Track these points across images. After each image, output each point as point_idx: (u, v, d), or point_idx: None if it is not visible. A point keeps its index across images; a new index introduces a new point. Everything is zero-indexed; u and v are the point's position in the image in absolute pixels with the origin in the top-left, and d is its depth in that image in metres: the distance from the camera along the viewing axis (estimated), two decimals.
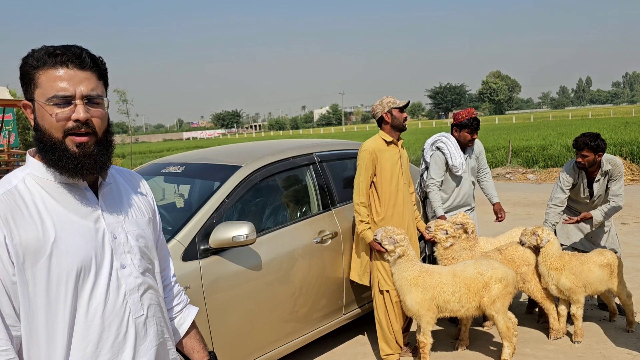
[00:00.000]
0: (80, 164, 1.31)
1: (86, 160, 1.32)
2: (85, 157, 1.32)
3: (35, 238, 1.26)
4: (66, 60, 1.30)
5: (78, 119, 1.30)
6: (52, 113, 1.29)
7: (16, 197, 1.30)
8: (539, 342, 4.15)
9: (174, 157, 4.35)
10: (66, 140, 1.31)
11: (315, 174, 4.03)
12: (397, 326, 3.85)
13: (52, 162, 1.31)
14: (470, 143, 4.62)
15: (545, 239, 4.04)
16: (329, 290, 3.85)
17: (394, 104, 3.87)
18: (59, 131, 1.30)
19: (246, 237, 3.03)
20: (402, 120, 3.89)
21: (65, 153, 1.30)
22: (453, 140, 4.58)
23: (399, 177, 3.88)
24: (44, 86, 1.29)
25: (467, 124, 4.52)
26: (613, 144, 15.90)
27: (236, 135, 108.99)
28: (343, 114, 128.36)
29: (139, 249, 1.44)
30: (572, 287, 3.98)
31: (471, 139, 4.57)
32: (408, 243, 3.66)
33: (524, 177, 14.22)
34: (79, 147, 1.31)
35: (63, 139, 1.30)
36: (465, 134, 4.56)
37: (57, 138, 1.30)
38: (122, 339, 1.37)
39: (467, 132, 4.55)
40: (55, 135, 1.30)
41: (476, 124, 4.54)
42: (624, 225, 7.97)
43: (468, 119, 4.52)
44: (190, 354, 1.68)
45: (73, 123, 1.30)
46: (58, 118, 1.29)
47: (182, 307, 1.69)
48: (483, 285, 3.63)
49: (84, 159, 1.32)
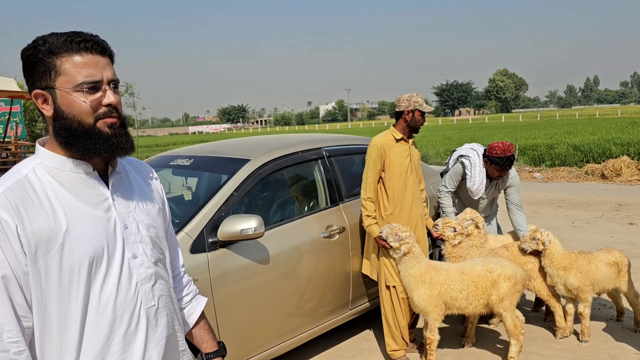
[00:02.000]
0: (115, 144, 1.34)
1: (120, 140, 1.35)
2: (118, 137, 1.35)
3: (47, 228, 1.25)
4: (90, 46, 1.31)
5: (110, 104, 1.32)
6: (85, 99, 1.29)
7: (27, 186, 1.28)
8: (545, 341, 4.14)
9: (182, 149, 4.34)
10: (97, 124, 1.32)
11: (323, 168, 4.01)
12: (404, 322, 3.84)
13: (87, 147, 1.32)
14: (497, 178, 4.39)
15: (547, 240, 4.02)
16: (336, 285, 3.84)
17: (420, 106, 3.83)
18: (90, 117, 1.31)
19: (254, 230, 3.03)
20: (419, 123, 3.87)
21: (100, 136, 1.32)
22: (480, 163, 4.38)
23: (408, 173, 3.86)
24: (70, 73, 1.28)
25: (498, 161, 4.22)
26: (620, 143, 15.84)
27: (242, 130, 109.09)
28: (349, 110, 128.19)
29: (150, 238, 1.44)
30: (580, 285, 3.95)
31: (498, 175, 4.32)
32: (414, 240, 3.64)
33: (531, 175, 14.15)
34: (111, 127, 1.34)
35: (94, 123, 1.32)
36: (493, 170, 4.31)
37: (88, 123, 1.31)
38: (134, 330, 1.37)
39: (497, 170, 4.29)
40: (87, 121, 1.31)
41: (509, 163, 4.23)
42: (631, 225, 7.93)
43: (499, 157, 4.20)
44: (200, 344, 1.68)
45: (105, 108, 1.32)
46: (92, 104, 1.30)
47: (191, 298, 1.68)
48: (491, 283, 3.62)
49: (117, 139, 1.34)
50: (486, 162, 4.35)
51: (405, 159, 3.86)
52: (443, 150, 18.85)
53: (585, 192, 11.28)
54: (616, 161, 13.02)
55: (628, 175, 12.48)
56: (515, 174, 4.50)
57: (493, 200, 4.67)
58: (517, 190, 4.49)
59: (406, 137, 3.89)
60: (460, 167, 4.47)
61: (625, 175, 12.48)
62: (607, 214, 8.86)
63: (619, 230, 7.60)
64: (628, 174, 12.51)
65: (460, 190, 4.63)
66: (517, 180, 4.50)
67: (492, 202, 4.70)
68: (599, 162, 14.34)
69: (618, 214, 8.76)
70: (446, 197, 4.51)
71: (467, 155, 4.46)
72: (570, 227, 7.99)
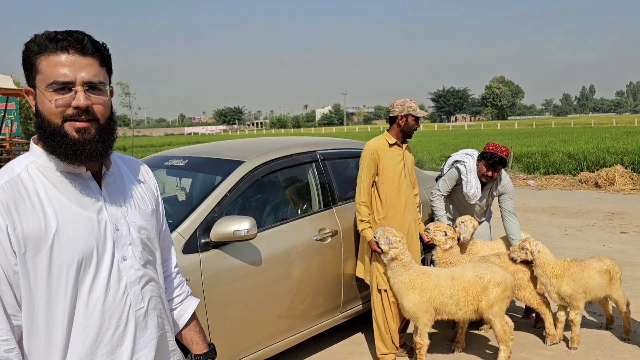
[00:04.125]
0: (80, 150, 1.29)
1: (86, 146, 1.29)
2: (85, 143, 1.29)
3: (37, 228, 1.25)
4: (67, 45, 1.27)
5: (78, 106, 1.27)
6: (52, 99, 1.27)
7: (19, 185, 1.28)
8: (535, 347, 4.15)
9: (177, 150, 4.35)
10: (65, 125, 1.28)
11: (317, 171, 4.03)
12: (394, 326, 3.86)
13: (52, 148, 1.29)
14: (485, 178, 4.34)
15: (535, 250, 4.04)
16: (327, 288, 3.85)
17: (413, 111, 3.86)
18: (58, 117, 1.28)
19: (247, 232, 3.04)
20: (413, 128, 3.89)
21: (64, 139, 1.28)
22: (475, 167, 4.41)
23: (401, 178, 3.88)
24: (45, 72, 1.27)
25: (487, 156, 4.25)
26: (615, 152, 15.93)
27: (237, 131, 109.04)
28: (345, 114, 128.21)
29: (140, 240, 1.43)
30: (572, 293, 3.97)
31: (485, 173, 4.31)
32: (404, 247, 3.64)
33: (525, 183, 14.20)
34: (79, 132, 1.29)
35: (62, 124, 1.28)
36: (481, 166, 4.33)
37: (56, 124, 1.28)
38: (122, 332, 1.36)
39: (484, 165, 4.30)
40: (54, 121, 1.28)
41: (493, 162, 4.22)
42: (623, 234, 7.98)
43: (490, 153, 4.24)
44: (190, 346, 1.67)
45: (73, 110, 1.27)
46: (57, 104, 1.27)
47: (182, 299, 1.67)
48: (482, 289, 3.63)
49: (83, 145, 1.29)
50: (478, 159, 4.39)
51: (398, 163, 3.88)
52: (438, 156, 18.91)
53: (578, 200, 11.33)
54: (610, 170, 13.09)
55: (621, 184, 12.55)
56: (509, 181, 4.52)
57: (487, 207, 4.69)
58: (511, 197, 4.50)
59: (400, 142, 3.91)
60: (455, 172, 4.49)
61: (618, 184, 12.55)
62: (599, 222, 8.91)
63: (611, 239, 7.64)
64: (621, 183, 12.58)
65: (454, 195, 4.65)
66: (510, 188, 4.52)
67: (486, 209, 4.72)
68: (593, 170, 14.41)
69: (610, 223, 8.81)
70: (439, 200, 4.53)
71: (462, 161, 4.48)
72: (562, 235, 8.03)
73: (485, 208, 4.65)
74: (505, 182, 4.48)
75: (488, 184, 4.47)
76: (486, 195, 4.52)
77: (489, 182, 4.41)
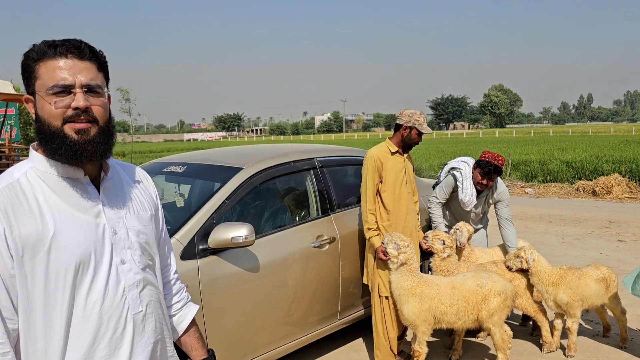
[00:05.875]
0: (80, 151, 1.30)
1: (86, 147, 1.31)
2: (86, 144, 1.31)
3: (34, 232, 1.26)
4: (65, 50, 1.30)
5: (78, 107, 1.29)
6: (52, 102, 1.29)
7: (17, 190, 1.30)
8: (532, 355, 4.16)
9: (175, 156, 4.36)
10: (65, 127, 1.30)
11: (315, 179, 4.04)
12: (393, 333, 3.86)
13: (53, 150, 1.31)
14: (480, 186, 4.36)
15: (530, 258, 4.05)
16: (325, 295, 3.86)
17: (419, 125, 3.87)
18: (58, 119, 1.29)
19: (245, 238, 3.04)
20: (414, 142, 3.92)
21: (64, 140, 1.29)
22: (470, 175, 4.43)
23: (402, 185, 3.90)
24: (44, 77, 1.29)
25: (482, 165, 4.28)
26: (612, 161, 15.98)
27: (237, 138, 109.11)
28: (344, 122, 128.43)
29: (139, 245, 1.44)
30: (569, 301, 3.98)
31: (480, 181, 4.33)
32: (412, 252, 3.62)
33: (523, 190, 14.23)
34: (79, 133, 1.30)
35: (62, 126, 1.30)
36: (477, 174, 4.35)
37: (56, 126, 1.30)
38: (120, 335, 1.37)
39: (479, 173, 4.32)
40: (54, 124, 1.30)
41: (489, 170, 4.25)
42: (620, 242, 7.99)
43: (485, 161, 4.27)
44: (189, 352, 1.67)
45: (72, 111, 1.29)
46: (57, 106, 1.29)
47: (182, 305, 1.68)
48: (482, 298, 3.63)
49: (84, 145, 1.31)
50: (474, 167, 4.41)
51: (400, 171, 3.90)
52: (437, 164, 18.93)
53: (576, 208, 11.36)
54: (607, 178, 13.13)
55: (619, 192, 12.58)
56: (505, 188, 4.54)
57: (484, 214, 4.71)
58: (507, 204, 4.52)
59: (401, 151, 3.93)
60: (451, 179, 4.51)
61: (615, 193, 12.58)
62: (597, 230, 8.93)
63: (608, 247, 7.66)
64: (619, 191, 12.62)
65: (451, 202, 4.67)
66: (506, 195, 4.54)
67: (483, 216, 4.74)
68: (591, 179, 14.46)
69: (608, 231, 8.83)
70: (436, 208, 4.56)
71: (458, 168, 4.50)
72: (560, 243, 8.04)
73: (481, 215, 4.67)
74: (501, 189, 4.50)
75: (484, 192, 4.49)
76: (482, 202, 4.54)
77: (484, 189, 4.43)
